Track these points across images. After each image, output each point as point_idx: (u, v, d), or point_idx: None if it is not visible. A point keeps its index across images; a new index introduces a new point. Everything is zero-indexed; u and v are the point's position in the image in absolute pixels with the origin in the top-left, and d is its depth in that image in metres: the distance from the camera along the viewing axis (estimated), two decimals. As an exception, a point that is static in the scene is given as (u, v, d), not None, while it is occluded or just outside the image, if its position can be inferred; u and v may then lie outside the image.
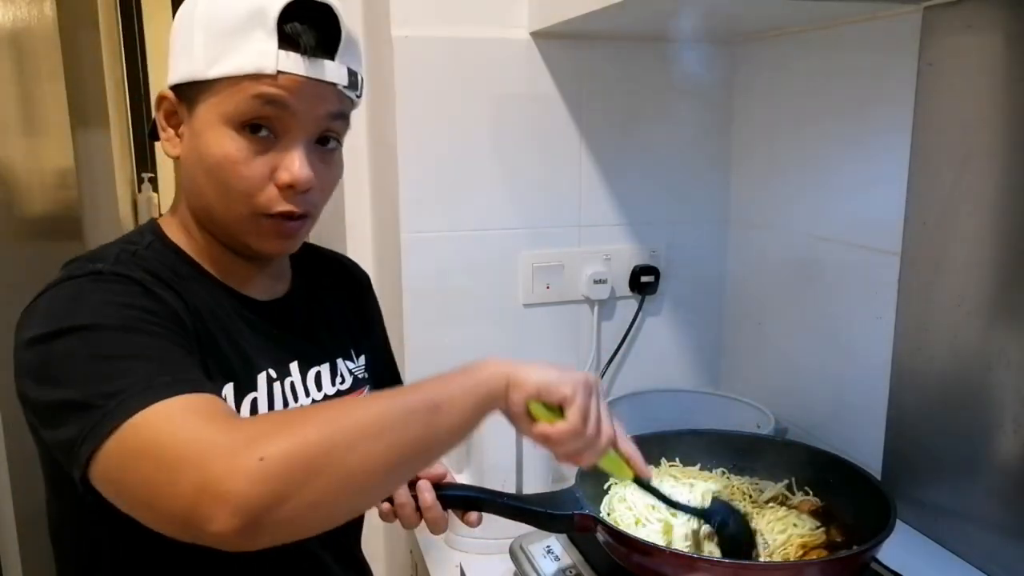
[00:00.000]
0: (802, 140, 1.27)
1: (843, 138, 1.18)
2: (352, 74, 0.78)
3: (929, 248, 1.02)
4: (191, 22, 0.74)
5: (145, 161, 3.13)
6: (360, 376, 0.95)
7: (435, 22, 1.24)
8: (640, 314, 1.43)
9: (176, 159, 0.78)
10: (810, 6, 1.07)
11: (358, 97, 0.81)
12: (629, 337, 1.43)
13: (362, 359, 0.96)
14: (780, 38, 1.30)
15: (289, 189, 0.75)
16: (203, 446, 0.57)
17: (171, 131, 0.78)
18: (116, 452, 0.58)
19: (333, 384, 0.89)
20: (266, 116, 0.73)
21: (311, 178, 0.75)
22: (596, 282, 1.37)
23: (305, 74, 0.73)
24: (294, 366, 0.84)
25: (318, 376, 0.87)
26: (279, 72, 0.72)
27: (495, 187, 1.31)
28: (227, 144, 0.73)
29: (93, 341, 0.64)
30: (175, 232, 0.81)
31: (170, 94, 0.76)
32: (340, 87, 0.76)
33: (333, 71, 0.75)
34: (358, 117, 1.47)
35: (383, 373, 1.01)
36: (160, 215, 0.86)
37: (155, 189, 3.10)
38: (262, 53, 0.72)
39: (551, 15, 1.18)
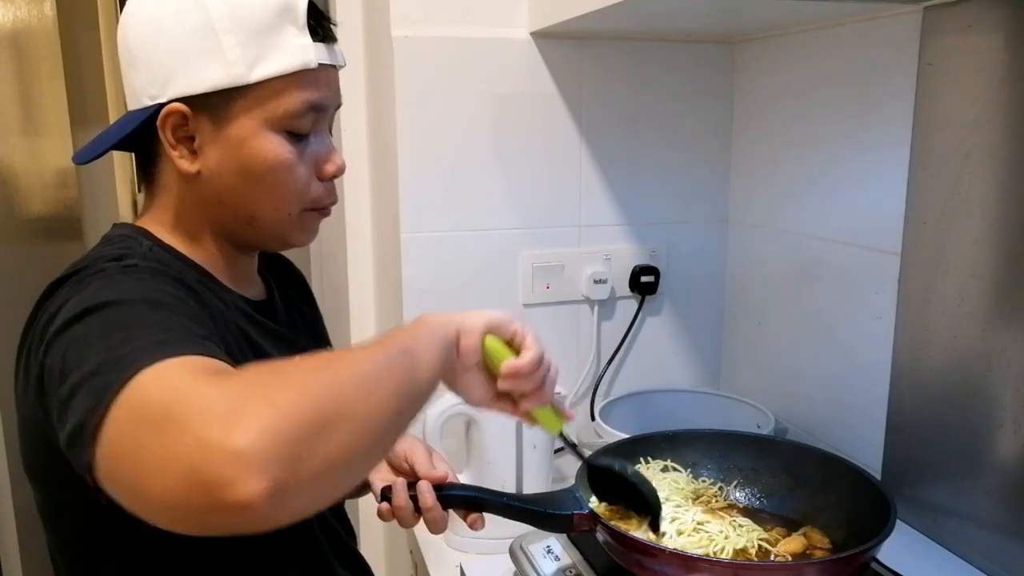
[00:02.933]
0: (802, 140, 1.27)
1: (843, 138, 1.18)
2: (342, 53, 0.79)
3: (929, 248, 1.02)
4: (214, 24, 0.69)
5: (145, 161, 3.12)
6: None
7: (435, 22, 1.24)
8: (640, 314, 1.43)
9: (194, 175, 0.73)
10: (810, 6, 1.07)
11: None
12: (629, 337, 1.43)
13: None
14: (780, 38, 1.30)
15: (333, 179, 0.78)
16: (203, 401, 0.50)
17: (183, 148, 0.73)
18: (116, 421, 0.52)
19: None
20: (311, 120, 0.74)
21: (345, 165, 0.78)
22: (596, 282, 1.37)
23: (332, 62, 0.74)
24: None
25: None
26: (320, 65, 0.72)
27: (495, 187, 1.31)
28: (279, 149, 0.72)
29: (112, 315, 0.60)
30: (173, 239, 0.77)
31: (183, 108, 0.71)
32: (339, 67, 0.78)
33: (341, 54, 0.77)
34: (358, 117, 1.47)
35: None
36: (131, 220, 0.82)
37: (155, 189, 3.09)
38: (303, 48, 0.71)
39: (551, 15, 1.18)
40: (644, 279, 1.40)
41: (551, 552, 0.96)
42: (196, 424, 0.48)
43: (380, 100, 1.36)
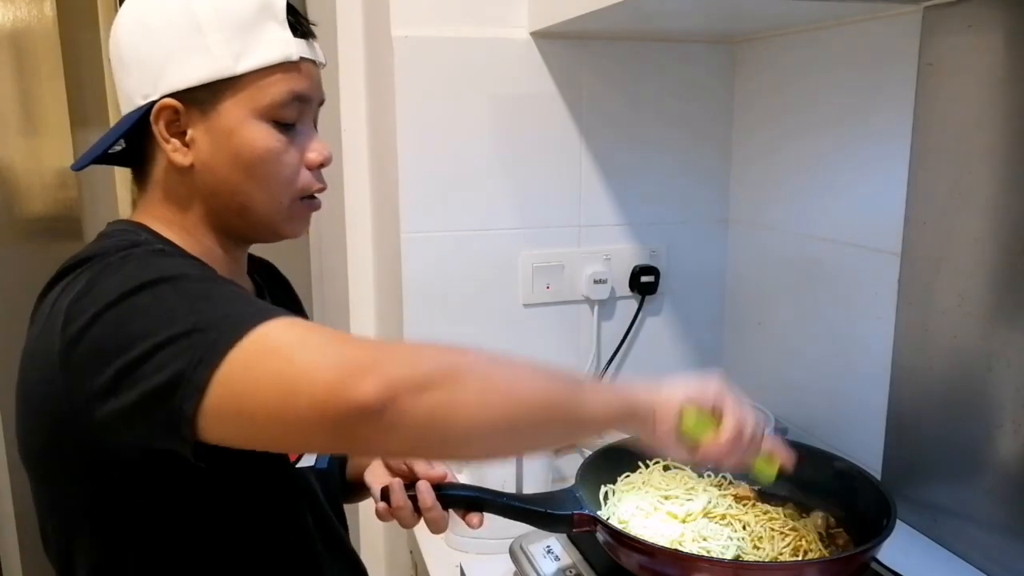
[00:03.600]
0: (802, 140, 1.27)
1: (843, 138, 1.18)
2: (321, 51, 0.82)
3: (929, 248, 1.02)
4: (199, 21, 0.72)
5: (145, 161, 3.13)
6: None
7: (435, 22, 1.24)
8: (640, 314, 1.43)
9: (188, 168, 0.75)
10: (810, 6, 1.07)
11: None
12: (629, 337, 1.43)
13: None
14: (780, 38, 1.30)
15: (319, 168, 0.80)
16: (340, 343, 0.59)
17: (176, 141, 0.75)
18: (241, 360, 0.58)
19: None
20: (297, 111, 0.76)
21: (331, 154, 0.80)
22: (596, 282, 1.37)
23: (312, 57, 0.78)
24: None
25: None
26: (301, 59, 0.75)
27: (495, 187, 1.31)
28: (267, 138, 0.75)
29: (184, 287, 0.63)
30: (170, 234, 0.78)
31: (175, 102, 0.73)
32: (319, 64, 0.80)
33: (320, 51, 0.81)
34: (358, 117, 1.47)
35: None
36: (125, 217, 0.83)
37: (155, 189, 3.10)
38: (284, 42, 0.74)
39: (551, 15, 1.18)
40: (644, 279, 1.40)
41: (551, 552, 0.96)
42: (333, 351, 0.57)
43: (380, 100, 1.36)
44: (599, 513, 0.92)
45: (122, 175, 2.83)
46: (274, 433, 0.59)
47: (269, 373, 0.57)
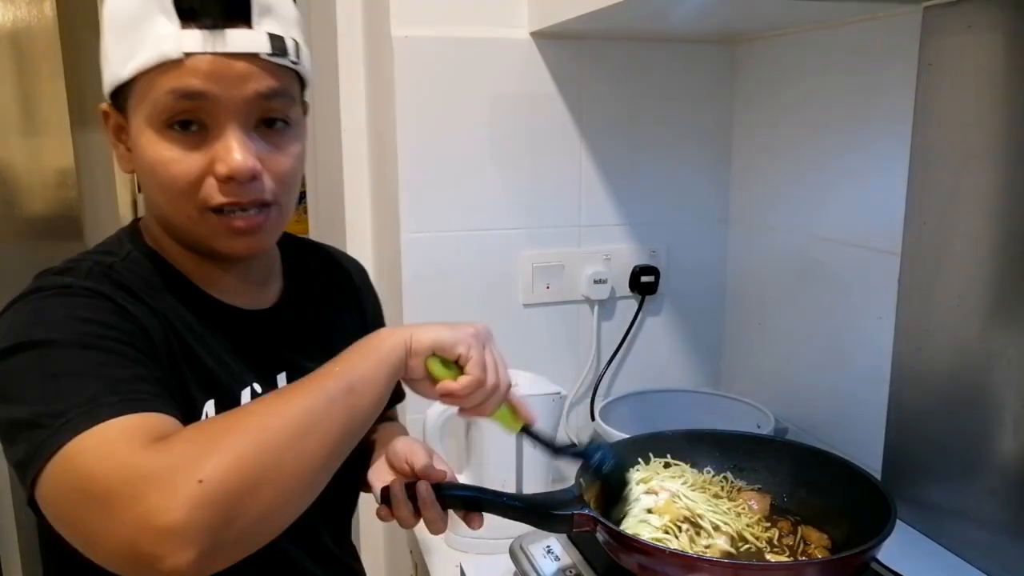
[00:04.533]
0: (802, 140, 1.27)
1: (843, 138, 1.18)
2: (276, 39, 0.69)
3: (929, 248, 1.02)
4: (104, 26, 0.70)
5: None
6: None
7: (435, 22, 1.24)
8: (640, 314, 1.43)
9: (132, 173, 0.76)
10: (810, 6, 1.07)
11: (295, 63, 0.72)
12: (629, 337, 1.43)
13: None
14: (780, 38, 1.30)
15: (231, 181, 0.69)
16: (133, 476, 0.54)
17: (122, 146, 0.74)
18: (54, 480, 0.57)
19: None
20: (187, 110, 0.67)
21: (250, 166, 0.68)
22: (596, 282, 1.37)
23: (213, 50, 0.66)
24: (282, 378, 0.81)
25: None
26: (186, 55, 0.65)
27: (495, 187, 1.31)
28: (157, 147, 0.69)
29: (46, 358, 0.62)
30: (155, 239, 0.77)
31: (105, 107, 0.73)
32: (264, 56, 0.68)
33: (248, 40, 0.67)
34: (358, 117, 1.47)
35: None
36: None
37: (155, 189, 3.09)
38: (162, 38, 0.65)
39: (551, 15, 1.18)
40: (644, 279, 1.40)
41: (551, 552, 0.96)
42: (127, 503, 0.53)
43: (380, 100, 1.36)
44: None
45: (122, 175, 2.83)
46: (87, 554, 0.57)
47: (73, 507, 0.56)
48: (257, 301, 0.83)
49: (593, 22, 1.15)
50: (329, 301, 0.93)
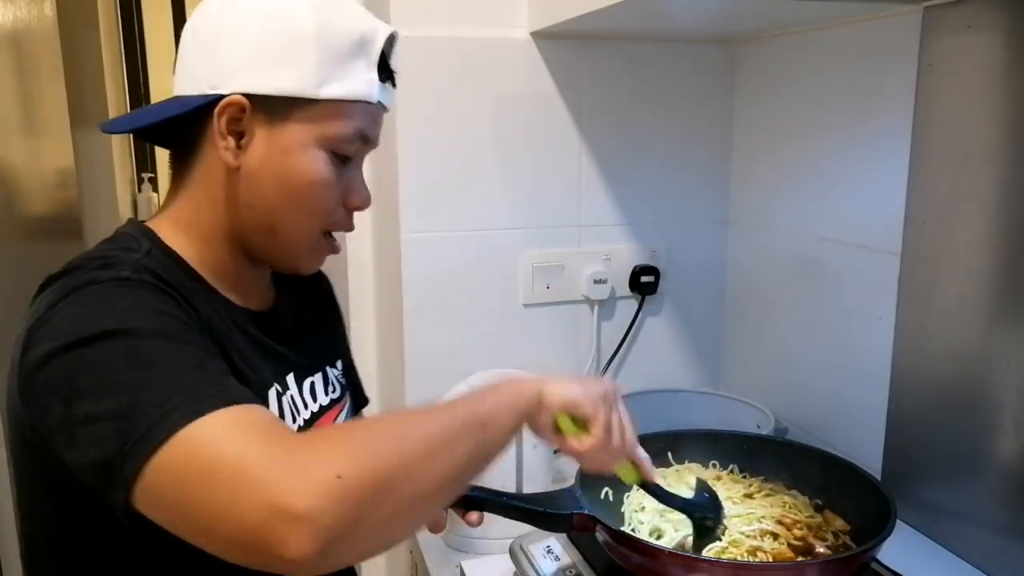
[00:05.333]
0: (802, 140, 1.27)
1: (843, 138, 1.18)
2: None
3: (929, 248, 1.02)
4: (299, 35, 0.71)
5: (145, 161, 3.13)
6: (343, 382, 0.94)
7: (435, 22, 1.24)
8: (640, 314, 1.43)
9: (234, 170, 0.74)
10: (810, 6, 1.07)
11: None
12: (629, 337, 1.43)
13: (339, 364, 0.95)
14: (780, 38, 1.30)
15: (355, 210, 0.81)
16: (269, 462, 0.53)
17: (231, 140, 0.73)
18: (167, 468, 0.54)
19: (326, 394, 0.88)
20: (358, 150, 0.78)
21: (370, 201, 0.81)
22: (596, 282, 1.37)
23: (387, 105, 0.79)
24: (290, 378, 0.83)
25: (312, 387, 0.86)
26: (378, 103, 0.77)
27: (495, 187, 1.31)
28: (322, 167, 0.75)
29: (131, 347, 0.60)
30: (176, 240, 0.76)
31: (244, 102, 0.72)
32: None
33: (394, 98, 0.81)
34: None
35: (352, 377, 1.01)
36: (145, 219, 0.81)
37: (155, 189, 3.10)
38: (370, 82, 0.75)
39: (551, 15, 1.18)
40: (644, 279, 1.40)
41: (551, 552, 0.96)
42: (261, 486, 0.51)
43: (380, 100, 1.36)
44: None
45: (122, 175, 2.84)
46: (200, 542, 0.55)
47: (194, 491, 0.54)
48: (263, 303, 0.85)
49: (593, 22, 1.15)
50: (309, 302, 0.95)
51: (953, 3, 0.95)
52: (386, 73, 0.77)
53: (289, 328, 0.86)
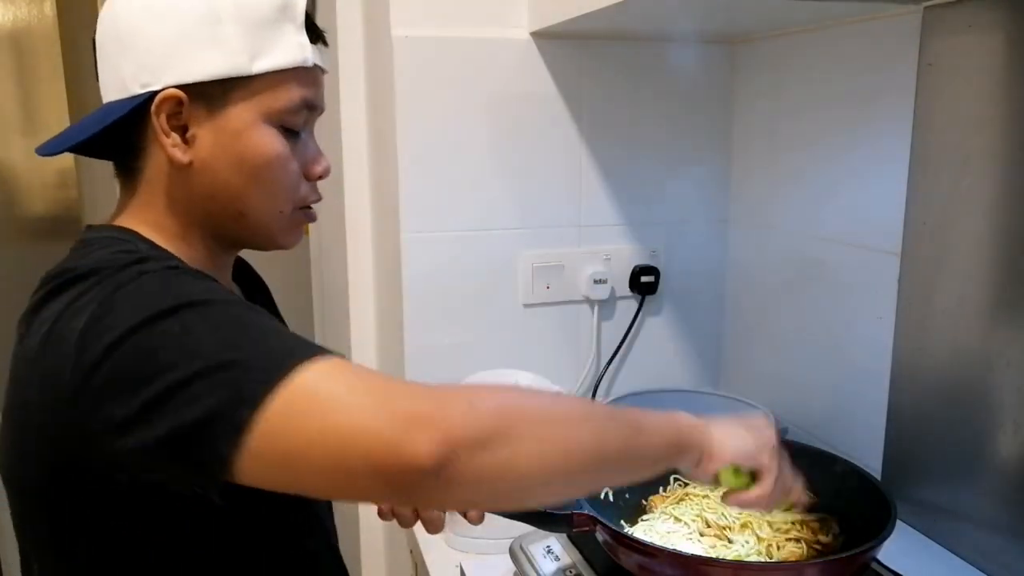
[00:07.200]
0: (802, 140, 1.27)
1: (843, 138, 1.18)
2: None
3: (929, 248, 1.02)
4: (217, 13, 0.68)
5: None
6: None
7: (435, 22, 1.24)
8: (640, 314, 1.43)
9: (186, 166, 0.71)
10: (810, 6, 1.07)
11: None
12: (629, 337, 1.43)
13: None
14: (780, 38, 1.30)
15: (318, 180, 0.78)
16: (398, 386, 0.56)
17: (175, 136, 0.70)
18: (283, 408, 0.53)
19: None
20: (307, 120, 0.75)
21: (330, 167, 0.78)
22: (596, 282, 1.37)
23: (323, 65, 0.75)
24: None
25: None
26: (315, 65, 0.73)
27: (495, 187, 1.31)
28: (275, 143, 0.72)
29: (212, 313, 0.58)
30: (161, 238, 0.73)
31: (180, 94, 0.68)
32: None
33: (329, 58, 0.79)
34: (358, 117, 1.47)
35: None
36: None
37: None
38: (301, 47, 0.72)
39: (551, 15, 1.18)
40: (644, 279, 1.40)
41: (551, 552, 0.96)
42: (403, 402, 0.54)
43: (380, 100, 1.36)
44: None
45: (122, 175, 2.83)
46: (319, 483, 0.56)
47: (316, 424, 0.53)
48: (236, 292, 0.85)
49: (593, 22, 1.15)
50: (253, 289, 0.94)
51: (953, 3, 0.95)
52: (315, 33, 0.74)
53: None
